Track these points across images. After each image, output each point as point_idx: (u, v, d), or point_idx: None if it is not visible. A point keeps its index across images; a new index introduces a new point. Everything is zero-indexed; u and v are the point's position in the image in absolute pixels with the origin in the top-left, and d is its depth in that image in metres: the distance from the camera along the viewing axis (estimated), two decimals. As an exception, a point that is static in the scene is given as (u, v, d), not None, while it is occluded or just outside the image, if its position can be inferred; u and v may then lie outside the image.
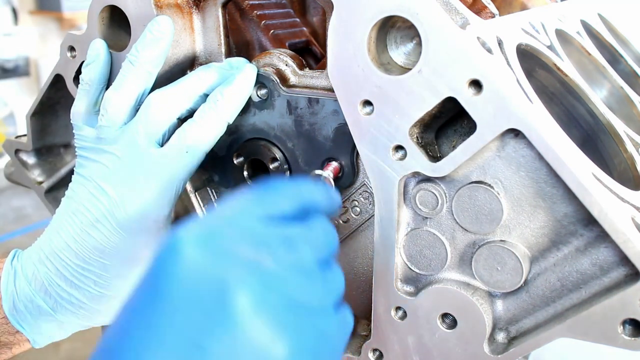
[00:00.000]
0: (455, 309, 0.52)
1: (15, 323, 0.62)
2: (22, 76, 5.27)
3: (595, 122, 0.63)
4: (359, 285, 0.63)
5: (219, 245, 0.41)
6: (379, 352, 0.58)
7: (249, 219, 0.44)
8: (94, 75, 0.63)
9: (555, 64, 0.61)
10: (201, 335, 0.39)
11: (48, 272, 0.61)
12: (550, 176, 0.47)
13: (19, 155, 0.85)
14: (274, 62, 0.61)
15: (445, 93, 0.47)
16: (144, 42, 0.59)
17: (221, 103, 0.57)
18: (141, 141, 0.58)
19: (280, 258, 0.42)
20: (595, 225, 0.45)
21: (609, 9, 0.90)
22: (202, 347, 0.39)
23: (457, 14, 0.48)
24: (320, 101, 0.58)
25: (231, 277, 0.40)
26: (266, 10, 0.76)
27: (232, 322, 0.39)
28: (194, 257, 0.40)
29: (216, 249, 0.41)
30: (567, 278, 0.49)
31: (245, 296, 0.39)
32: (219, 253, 0.41)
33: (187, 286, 0.40)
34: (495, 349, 0.52)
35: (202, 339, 0.39)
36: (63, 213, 0.61)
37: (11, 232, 4.13)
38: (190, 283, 0.40)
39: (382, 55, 0.52)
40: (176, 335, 0.39)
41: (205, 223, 0.43)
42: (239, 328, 0.39)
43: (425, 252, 0.54)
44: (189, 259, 0.40)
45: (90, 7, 0.64)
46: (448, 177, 0.51)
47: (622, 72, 0.78)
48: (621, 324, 0.44)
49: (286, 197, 0.46)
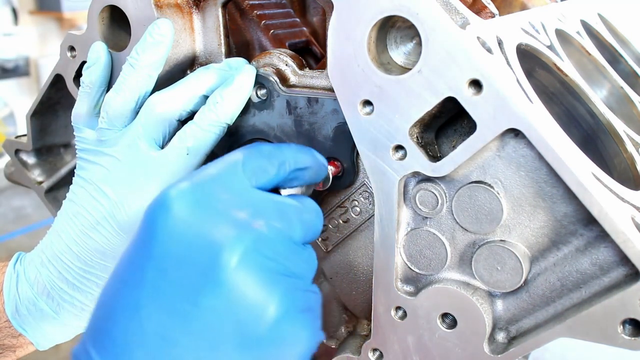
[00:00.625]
0: (455, 308, 0.52)
1: (17, 326, 0.62)
2: (22, 76, 5.27)
3: (595, 122, 0.63)
4: (359, 285, 0.63)
5: (209, 203, 0.41)
6: (379, 352, 0.58)
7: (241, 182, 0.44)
8: (94, 77, 0.63)
9: (555, 64, 0.61)
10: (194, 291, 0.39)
11: (50, 275, 0.61)
12: (550, 176, 0.47)
13: (19, 155, 0.85)
14: (273, 62, 0.61)
15: (445, 93, 0.47)
16: (144, 46, 0.59)
17: (221, 105, 0.57)
18: (141, 143, 0.58)
19: (272, 225, 0.42)
20: (595, 225, 0.45)
21: (609, 9, 0.90)
22: (196, 303, 0.39)
23: (457, 14, 0.48)
24: (320, 101, 0.58)
25: (223, 236, 0.40)
26: (266, 10, 0.76)
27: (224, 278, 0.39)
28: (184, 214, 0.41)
29: (207, 206, 0.41)
30: (567, 278, 0.49)
31: (236, 254, 0.40)
32: (209, 211, 0.41)
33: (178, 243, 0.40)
34: (495, 349, 0.52)
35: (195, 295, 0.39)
36: (64, 216, 0.61)
37: (11, 232, 4.13)
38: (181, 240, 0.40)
39: (382, 55, 0.52)
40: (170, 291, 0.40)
41: (197, 182, 0.43)
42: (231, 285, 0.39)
43: (425, 252, 0.54)
44: (179, 215, 0.41)
45: (90, 7, 0.64)
46: (448, 177, 0.51)
47: (622, 72, 0.78)
48: (621, 324, 0.44)
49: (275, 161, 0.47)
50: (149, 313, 0.39)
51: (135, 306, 0.40)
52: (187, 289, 0.39)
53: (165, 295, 0.40)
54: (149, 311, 0.39)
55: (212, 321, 0.39)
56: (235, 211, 0.42)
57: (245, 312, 0.40)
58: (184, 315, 0.39)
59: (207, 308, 0.39)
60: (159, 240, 0.41)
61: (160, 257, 0.40)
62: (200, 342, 0.39)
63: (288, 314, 0.41)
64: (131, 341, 0.39)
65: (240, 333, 0.40)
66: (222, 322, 0.39)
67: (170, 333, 0.39)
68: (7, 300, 0.62)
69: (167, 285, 0.40)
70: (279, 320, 0.40)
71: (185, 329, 0.39)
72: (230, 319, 0.39)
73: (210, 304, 0.39)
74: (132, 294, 0.40)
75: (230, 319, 0.39)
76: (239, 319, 0.40)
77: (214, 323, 0.39)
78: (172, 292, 0.40)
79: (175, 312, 0.39)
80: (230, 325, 0.39)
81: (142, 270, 0.41)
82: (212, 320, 0.39)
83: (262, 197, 0.44)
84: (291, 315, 0.41)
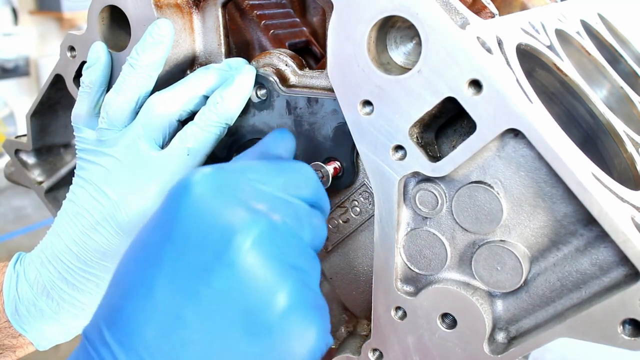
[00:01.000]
0: (455, 309, 0.52)
1: (17, 327, 0.62)
2: (22, 76, 5.27)
3: (595, 122, 0.63)
4: (359, 285, 0.63)
5: (230, 191, 0.42)
6: (379, 352, 0.58)
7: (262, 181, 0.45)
8: (94, 78, 0.63)
9: (555, 64, 0.61)
10: (207, 272, 0.40)
11: (50, 275, 0.61)
12: (550, 176, 0.47)
13: (19, 155, 0.85)
14: (273, 62, 0.61)
15: (445, 93, 0.47)
16: (144, 46, 0.59)
17: (221, 105, 0.57)
18: (142, 143, 0.58)
19: (287, 222, 0.43)
20: (595, 225, 0.45)
21: (609, 9, 0.90)
22: (208, 284, 0.40)
23: (457, 14, 0.48)
24: (320, 101, 0.58)
25: (239, 219, 0.41)
26: (266, 10, 0.76)
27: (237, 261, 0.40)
28: (205, 197, 0.42)
29: (228, 193, 0.42)
30: (567, 278, 0.49)
31: (250, 238, 0.40)
32: (229, 197, 0.42)
33: (196, 224, 0.41)
34: (495, 349, 0.52)
35: (208, 275, 0.40)
36: (64, 216, 0.61)
37: (11, 232, 4.13)
38: (200, 221, 0.41)
39: (382, 55, 0.52)
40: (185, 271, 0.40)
41: (220, 169, 0.44)
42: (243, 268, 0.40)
43: (425, 252, 0.54)
44: (200, 198, 0.41)
45: (90, 7, 0.64)
46: (448, 177, 0.51)
47: (622, 72, 0.78)
48: (621, 324, 0.44)
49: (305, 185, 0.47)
50: (163, 292, 0.40)
51: (150, 284, 0.40)
52: (201, 269, 0.40)
53: (180, 275, 0.40)
54: (164, 290, 0.40)
55: (223, 303, 0.39)
56: (253, 202, 0.42)
57: (255, 296, 0.40)
58: (196, 296, 0.39)
59: (219, 289, 0.39)
60: (178, 220, 0.41)
61: (177, 237, 0.41)
62: (209, 325, 0.39)
63: (298, 305, 0.41)
64: (143, 319, 0.39)
65: (249, 319, 0.40)
66: (232, 305, 0.39)
67: (182, 313, 0.39)
68: (7, 301, 0.62)
69: (183, 265, 0.40)
70: (288, 310, 0.40)
71: (196, 309, 0.39)
72: (240, 302, 0.40)
73: (222, 286, 0.39)
74: (148, 272, 0.41)
75: (240, 303, 0.40)
76: (248, 304, 0.40)
77: (224, 305, 0.39)
78: (188, 272, 0.40)
79: (188, 292, 0.39)
80: (239, 309, 0.40)
81: (160, 250, 0.41)
82: (222, 302, 0.39)
83: (280, 196, 0.45)
84: (301, 308, 0.41)
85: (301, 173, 0.48)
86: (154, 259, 0.41)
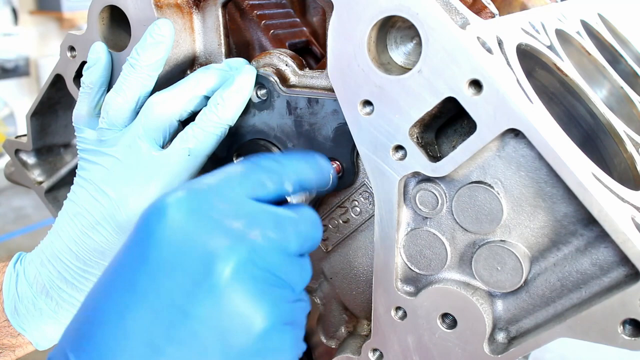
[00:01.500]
0: (455, 309, 0.52)
1: (16, 326, 0.62)
2: (22, 76, 5.27)
3: (595, 122, 0.63)
4: (359, 285, 0.63)
5: (206, 212, 0.41)
6: (379, 352, 0.58)
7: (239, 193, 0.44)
8: (95, 78, 0.63)
9: (555, 64, 0.61)
10: (184, 299, 0.39)
11: (49, 274, 0.61)
12: (550, 176, 0.47)
13: (19, 155, 0.85)
14: (273, 62, 0.61)
15: (445, 93, 0.47)
16: (145, 46, 0.59)
17: (222, 106, 0.57)
18: (142, 143, 0.58)
19: (267, 235, 0.42)
20: (595, 225, 0.45)
21: (609, 9, 0.90)
22: (184, 311, 0.39)
23: (457, 14, 0.48)
24: (320, 101, 0.58)
25: (217, 245, 0.40)
26: (266, 10, 0.76)
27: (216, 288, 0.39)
28: (180, 221, 0.40)
29: (203, 215, 0.41)
30: (567, 278, 0.49)
31: (230, 265, 0.40)
32: (205, 220, 0.41)
33: (172, 249, 0.40)
34: (495, 349, 0.52)
35: (185, 303, 0.39)
36: (64, 216, 0.61)
37: (11, 232, 4.13)
38: (175, 247, 0.40)
39: (382, 55, 0.52)
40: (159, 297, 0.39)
41: (193, 190, 0.43)
42: (222, 295, 0.39)
43: (425, 252, 0.54)
44: (175, 222, 0.40)
45: (90, 7, 0.64)
46: (448, 177, 0.51)
47: (622, 72, 0.78)
48: (621, 324, 0.44)
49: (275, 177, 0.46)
50: (135, 318, 0.39)
51: (122, 311, 0.39)
52: (177, 296, 0.39)
53: (154, 302, 0.39)
54: (136, 317, 0.39)
55: (200, 330, 0.39)
56: (230, 221, 0.41)
57: (233, 323, 0.39)
58: (172, 323, 0.39)
59: (196, 317, 0.39)
60: (153, 246, 0.40)
61: (152, 263, 0.40)
62: (185, 352, 0.39)
63: (274, 326, 0.41)
64: (115, 347, 0.38)
65: (226, 343, 0.39)
66: (209, 332, 0.39)
67: (157, 340, 0.38)
68: (6, 300, 0.62)
69: (157, 291, 0.39)
70: (265, 332, 0.40)
71: (172, 337, 0.39)
72: (217, 329, 0.39)
73: (200, 313, 0.39)
74: (120, 298, 0.40)
75: (218, 329, 0.39)
76: (226, 330, 0.39)
77: (202, 332, 0.39)
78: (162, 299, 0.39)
79: (163, 319, 0.39)
80: (217, 335, 0.39)
81: (132, 275, 0.40)
82: (199, 329, 0.39)
83: (259, 208, 0.44)
84: (277, 328, 0.41)
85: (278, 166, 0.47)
86: (127, 284, 0.40)
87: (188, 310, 0.39)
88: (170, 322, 0.39)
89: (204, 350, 0.39)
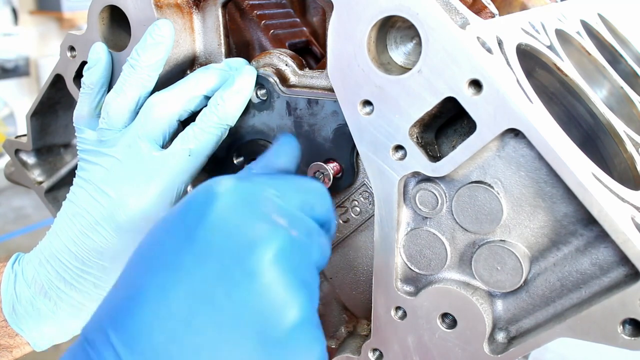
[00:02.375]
0: (455, 308, 0.52)
1: (14, 326, 0.62)
2: (22, 76, 5.27)
3: (595, 122, 0.63)
4: (359, 285, 0.63)
5: (255, 204, 0.43)
6: (379, 352, 0.58)
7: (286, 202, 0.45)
8: (95, 78, 0.63)
9: (555, 64, 0.61)
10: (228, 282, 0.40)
11: (48, 274, 0.61)
12: (550, 176, 0.47)
13: (19, 155, 0.85)
14: (273, 62, 0.61)
15: (445, 93, 0.47)
16: (145, 46, 0.59)
17: (222, 107, 0.57)
18: (142, 144, 0.58)
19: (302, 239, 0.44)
20: (595, 225, 0.45)
21: (609, 9, 0.90)
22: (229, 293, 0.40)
23: (457, 14, 0.48)
24: (320, 102, 0.58)
25: (262, 231, 0.41)
26: (266, 10, 0.76)
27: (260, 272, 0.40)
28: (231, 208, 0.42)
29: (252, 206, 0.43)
30: (567, 278, 0.49)
31: (272, 250, 0.41)
32: (254, 210, 0.43)
33: (220, 233, 0.41)
34: (495, 349, 0.52)
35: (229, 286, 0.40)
36: (63, 216, 0.61)
37: (11, 232, 4.13)
38: (224, 230, 0.41)
39: (382, 55, 0.52)
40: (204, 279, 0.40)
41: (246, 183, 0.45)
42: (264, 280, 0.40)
43: (425, 252, 0.54)
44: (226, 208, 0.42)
45: (90, 7, 0.64)
46: (448, 177, 0.51)
47: (622, 72, 0.78)
48: (621, 324, 0.44)
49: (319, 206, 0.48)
50: (179, 297, 0.39)
51: (165, 288, 0.40)
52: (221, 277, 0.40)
53: (198, 283, 0.40)
54: (180, 295, 0.39)
55: (239, 312, 0.39)
56: (275, 216, 0.43)
57: (271, 308, 0.40)
58: (213, 303, 0.39)
59: (237, 298, 0.39)
60: (203, 229, 0.41)
61: (200, 244, 0.41)
62: (223, 334, 0.39)
63: (306, 323, 0.41)
64: (155, 323, 0.39)
65: (262, 330, 0.40)
66: (248, 315, 0.39)
67: (197, 320, 0.39)
68: (5, 300, 0.62)
69: (202, 272, 0.40)
70: (300, 325, 0.41)
71: (212, 318, 0.39)
72: (255, 312, 0.40)
73: (240, 294, 0.39)
74: (163, 276, 0.40)
75: (256, 313, 0.40)
76: (263, 315, 0.40)
77: (241, 314, 0.39)
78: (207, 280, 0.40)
79: (206, 300, 0.39)
80: (254, 319, 0.39)
81: (178, 255, 0.41)
82: (239, 311, 0.39)
83: (296, 213, 0.45)
84: (308, 326, 0.41)
85: (317, 193, 0.49)
86: (171, 263, 0.41)
87: (230, 290, 0.39)
88: (211, 302, 0.39)
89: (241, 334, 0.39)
